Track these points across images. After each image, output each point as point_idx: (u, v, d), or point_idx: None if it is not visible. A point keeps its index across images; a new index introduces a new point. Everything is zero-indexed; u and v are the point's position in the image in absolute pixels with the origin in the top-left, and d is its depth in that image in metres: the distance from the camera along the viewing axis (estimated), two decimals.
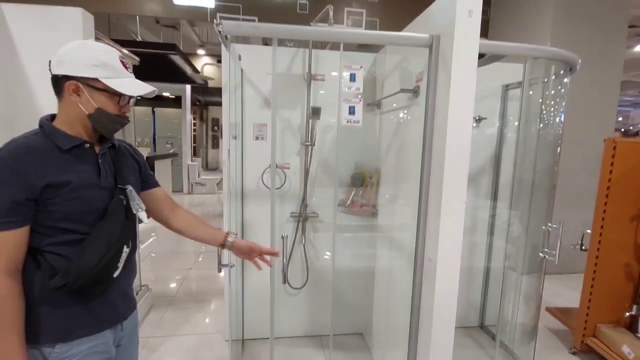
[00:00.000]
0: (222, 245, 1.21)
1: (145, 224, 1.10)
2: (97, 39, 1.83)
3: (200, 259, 4.02)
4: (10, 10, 1.57)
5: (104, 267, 0.92)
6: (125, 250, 0.98)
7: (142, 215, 1.03)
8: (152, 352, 2.27)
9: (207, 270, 3.74)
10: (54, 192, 0.86)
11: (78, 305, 0.93)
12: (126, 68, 0.96)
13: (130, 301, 1.10)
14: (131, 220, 1.01)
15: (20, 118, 1.62)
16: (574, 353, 2.38)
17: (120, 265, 0.97)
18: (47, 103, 1.62)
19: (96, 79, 0.90)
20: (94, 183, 0.94)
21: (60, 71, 0.89)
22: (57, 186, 0.86)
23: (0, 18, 1.55)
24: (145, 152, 5.57)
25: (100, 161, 0.97)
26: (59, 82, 0.90)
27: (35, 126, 1.60)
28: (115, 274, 0.96)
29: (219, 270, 1.54)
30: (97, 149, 0.98)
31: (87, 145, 0.95)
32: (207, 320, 2.70)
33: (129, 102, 0.98)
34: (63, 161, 0.90)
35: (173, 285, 3.33)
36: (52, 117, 0.96)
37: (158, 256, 4.12)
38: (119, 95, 0.93)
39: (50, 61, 0.91)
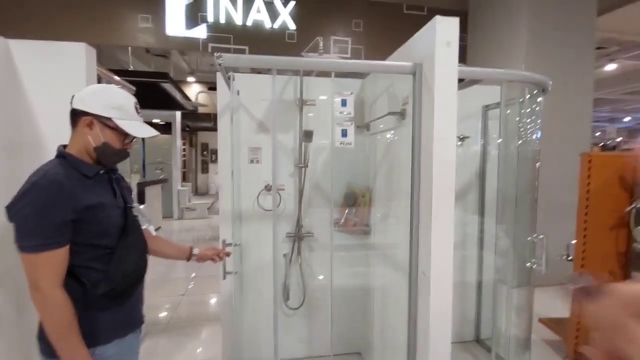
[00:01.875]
0: (189, 258, 1.45)
1: None
2: (98, 72, 1.91)
3: (190, 285, 3.98)
4: (17, 46, 1.64)
5: (139, 271, 1.11)
6: (147, 257, 1.16)
7: (151, 228, 1.15)
8: None
9: (199, 296, 3.70)
10: (91, 213, 0.99)
11: (112, 311, 1.05)
12: (137, 113, 1.10)
13: (143, 306, 1.22)
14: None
15: (24, 147, 1.66)
16: None
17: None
18: (50, 132, 1.68)
19: (109, 118, 1.03)
20: (114, 203, 1.08)
21: (80, 107, 1.02)
22: (93, 207, 0.99)
23: (7, 53, 1.62)
24: (135, 178, 5.56)
25: (114, 185, 1.11)
26: (76, 116, 1.03)
27: (40, 153, 1.65)
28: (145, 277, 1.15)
29: (224, 277, 1.64)
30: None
31: (102, 171, 1.08)
32: (202, 347, 2.67)
33: (132, 141, 1.12)
34: (91, 186, 1.03)
35: (166, 312, 3.28)
36: (64, 147, 1.07)
37: (149, 283, 4.02)
38: (126, 135, 1.07)
39: (73, 96, 1.04)
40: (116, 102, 1.04)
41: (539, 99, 2.05)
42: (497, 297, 2.29)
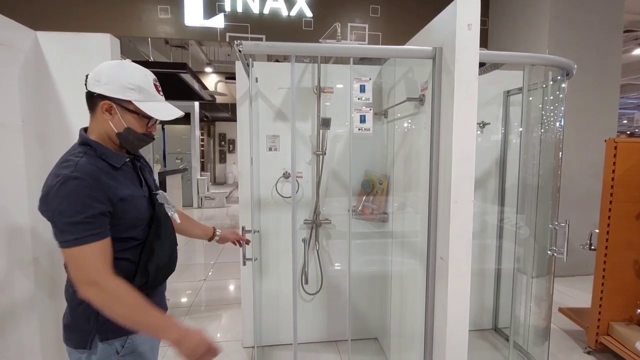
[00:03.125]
0: (211, 238, 1.49)
1: None
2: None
3: (210, 272, 4.09)
4: (45, 37, 1.70)
5: (172, 264, 1.11)
6: (177, 247, 1.14)
7: (176, 216, 1.14)
8: None
9: (219, 281, 3.82)
10: (124, 205, 0.95)
11: None
12: (158, 92, 1.01)
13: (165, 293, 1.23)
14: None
15: (52, 135, 1.74)
16: (589, 352, 2.39)
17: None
18: (77, 121, 1.75)
19: (129, 102, 0.95)
20: (140, 193, 1.03)
21: (96, 89, 0.94)
22: (125, 200, 0.95)
23: (36, 44, 1.69)
24: (156, 168, 5.71)
25: (139, 172, 1.07)
26: (93, 99, 0.96)
27: (68, 141, 1.71)
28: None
29: (244, 264, 1.66)
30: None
31: (127, 159, 1.04)
32: (224, 329, 2.76)
33: (156, 123, 1.05)
34: (120, 176, 0.98)
35: (188, 296, 3.40)
36: (85, 130, 1.01)
37: None
38: (149, 117, 0.99)
39: (87, 76, 0.96)
40: (134, 81, 0.95)
41: (563, 85, 1.99)
42: (516, 286, 2.27)
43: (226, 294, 3.52)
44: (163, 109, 1.01)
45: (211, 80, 7.88)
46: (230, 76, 7.64)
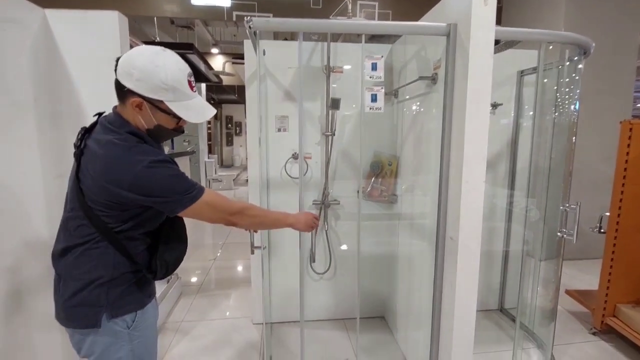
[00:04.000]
0: None
1: None
2: (130, 42, 1.94)
3: (219, 252, 4.16)
4: (53, 15, 1.69)
5: (186, 250, 1.17)
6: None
7: None
8: (185, 335, 2.41)
9: (229, 261, 3.89)
10: None
11: (150, 281, 1.12)
12: (192, 88, 0.99)
13: None
14: None
15: (64, 115, 1.74)
16: (594, 333, 2.42)
17: None
18: (88, 99, 1.76)
19: (161, 101, 0.94)
20: None
21: (127, 84, 0.92)
22: None
23: (45, 22, 1.68)
24: (165, 150, 5.74)
25: None
26: (123, 92, 0.94)
27: (79, 121, 1.69)
28: None
29: (252, 252, 1.66)
30: None
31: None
32: (233, 306, 2.83)
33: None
34: None
35: (199, 274, 3.48)
36: (115, 107, 1.00)
37: None
38: (180, 117, 0.99)
39: (117, 62, 0.93)
40: (168, 81, 0.91)
41: (580, 65, 1.93)
42: (524, 269, 2.27)
43: (235, 273, 3.59)
44: (195, 109, 1.00)
45: (217, 62, 7.80)
46: (236, 57, 7.55)
